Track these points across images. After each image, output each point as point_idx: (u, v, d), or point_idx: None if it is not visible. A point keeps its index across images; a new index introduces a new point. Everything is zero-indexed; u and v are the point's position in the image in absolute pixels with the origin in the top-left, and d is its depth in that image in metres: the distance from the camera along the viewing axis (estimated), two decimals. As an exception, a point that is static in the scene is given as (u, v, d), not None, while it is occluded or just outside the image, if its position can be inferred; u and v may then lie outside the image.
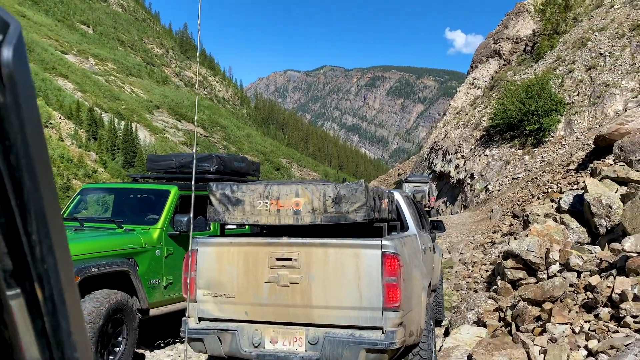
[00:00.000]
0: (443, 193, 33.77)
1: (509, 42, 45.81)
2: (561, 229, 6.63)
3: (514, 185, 23.69)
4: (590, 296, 5.16)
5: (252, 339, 4.16)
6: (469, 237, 18.18)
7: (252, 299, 4.16)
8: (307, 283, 4.05)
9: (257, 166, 8.19)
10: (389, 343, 3.86)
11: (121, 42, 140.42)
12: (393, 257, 3.94)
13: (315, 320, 4.06)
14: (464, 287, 10.30)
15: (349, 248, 4.05)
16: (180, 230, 5.84)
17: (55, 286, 0.51)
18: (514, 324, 5.43)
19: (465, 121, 35.86)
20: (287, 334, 4.12)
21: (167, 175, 7.23)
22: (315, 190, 4.10)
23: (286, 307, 4.10)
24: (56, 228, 0.52)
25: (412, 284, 4.30)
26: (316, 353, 3.99)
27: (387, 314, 3.90)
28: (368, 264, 3.96)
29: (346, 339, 3.95)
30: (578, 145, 21.05)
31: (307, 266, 4.07)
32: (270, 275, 4.12)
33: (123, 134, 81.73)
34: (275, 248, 4.16)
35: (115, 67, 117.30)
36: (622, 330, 4.44)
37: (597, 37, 27.75)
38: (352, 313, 3.99)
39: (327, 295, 4.02)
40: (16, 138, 0.49)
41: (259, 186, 4.26)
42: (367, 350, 3.89)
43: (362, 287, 3.95)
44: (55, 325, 0.51)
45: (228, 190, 4.31)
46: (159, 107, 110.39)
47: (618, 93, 23.14)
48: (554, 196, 12.59)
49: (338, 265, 4.02)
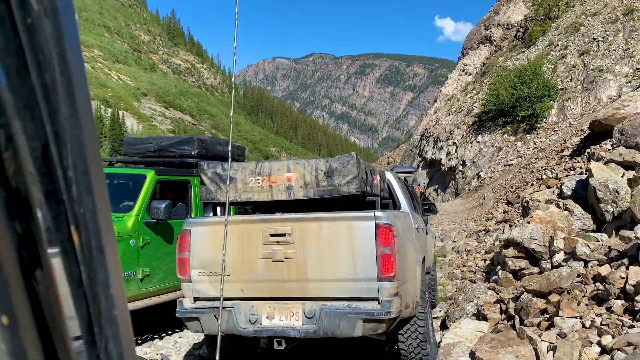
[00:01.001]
0: (434, 180, 33.49)
1: (499, 28, 45.37)
2: (565, 215, 6.26)
3: (507, 172, 23.41)
4: (600, 287, 4.79)
5: (248, 316, 4.10)
6: (462, 224, 17.87)
7: (247, 275, 4.12)
8: (302, 257, 4.01)
9: (242, 150, 7.73)
10: (386, 312, 3.83)
11: (107, 28, 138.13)
12: (387, 228, 3.90)
13: (311, 294, 4.03)
14: (459, 276, 9.95)
15: (343, 221, 4.01)
16: (157, 218, 5.37)
17: (93, 232, 0.46)
18: (517, 317, 5.05)
19: (457, 108, 35.50)
20: (284, 309, 4.08)
21: (145, 159, 6.74)
22: (306, 164, 4.11)
23: (282, 282, 4.06)
24: (95, 166, 0.47)
25: (407, 256, 4.27)
26: (313, 326, 3.96)
27: (382, 284, 3.88)
28: (362, 235, 3.93)
29: (343, 310, 3.91)
30: (571, 131, 20.76)
31: (301, 241, 4.02)
32: (264, 251, 4.07)
33: (110, 121, 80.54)
34: (268, 224, 4.09)
35: (102, 54, 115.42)
36: (639, 325, 4.07)
37: (590, 22, 27.41)
38: (347, 285, 3.96)
39: (322, 269, 3.99)
40: (53, 52, 0.44)
41: (250, 164, 4.26)
42: (364, 320, 3.86)
43: (356, 258, 3.93)
44: (93, 276, 0.46)
45: (219, 169, 4.30)
46: (146, 95, 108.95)
47: (612, 78, 22.86)
48: (550, 182, 12.26)
49: (332, 239, 3.99)
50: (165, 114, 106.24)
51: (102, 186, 0.48)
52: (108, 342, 0.47)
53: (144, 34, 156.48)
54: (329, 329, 3.91)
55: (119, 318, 0.48)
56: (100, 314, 0.47)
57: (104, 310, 0.47)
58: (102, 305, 0.47)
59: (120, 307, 0.49)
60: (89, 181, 0.46)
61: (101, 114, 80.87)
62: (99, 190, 0.47)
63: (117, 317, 0.48)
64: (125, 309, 0.51)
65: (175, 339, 6.10)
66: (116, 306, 0.48)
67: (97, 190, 0.47)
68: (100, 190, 0.47)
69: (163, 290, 5.75)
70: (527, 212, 7.58)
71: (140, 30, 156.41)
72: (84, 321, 0.46)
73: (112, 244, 0.49)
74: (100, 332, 0.47)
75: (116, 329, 0.48)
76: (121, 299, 0.50)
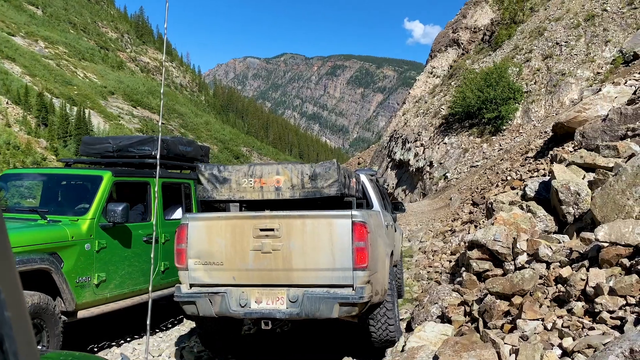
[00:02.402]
0: (402, 181, 33.74)
1: (467, 31, 46.07)
2: (528, 217, 6.31)
3: (473, 173, 23.75)
4: (561, 289, 4.82)
5: (239, 300, 4.62)
6: (429, 225, 18.01)
7: (238, 265, 4.64)
8: (288, 250, 4.56)
9: (207, 151, 7.55)
10: (359, 297, 4.44)
11: (73, 24, 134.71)
12: (361, 225, 4.51)
13: (294, 281, 4.59)
14: (425, 277, 9.98)
15: (324, 218, 4.60)
16: (114, 221, 5.16)
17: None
18: (481, 319, 5.04)
19: (425, 110, 35.86)
20: (270, 294, 4.62)
21: (104, 160, 6.50)
22: (293, 169, 4.70)
23: (269, 271, 4.60)
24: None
25: (377, 249, 4.88)
26: (296, 309, 4.52)
27: (356, 273, 4.49)
28: (340, 231, 4.52)
29: (322, 295, 4.50)
30: (536, 133, 21.18)
31: (288, 235, 4.57)
32: (254, 244, 4.59)
33: (75, 120, 78.52)
34: (259, 220, 4.64)
35: (67, 51, 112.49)
36: (599, 327, 4.10)
37: (554, 27, 28.06)
38: (327, 274, 4.56)
39: (305, 260, 4.56)
40: None
41: (243, 167, 4.84)
42: (340, 304, 4.45)
43: (335, 251, 4.52)
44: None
45: (215, 170, 4.81)
46: (113, 93, 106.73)
47: (574, 82, 23.42)
48: (514, 184, 12.43)
49: (314, 234, 4.55)
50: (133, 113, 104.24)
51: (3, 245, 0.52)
52: (2, 342, 0.51)
53: (111, 31, 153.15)
54: (310, 311, 4.48)
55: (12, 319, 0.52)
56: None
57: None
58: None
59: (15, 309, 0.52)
60: None
61: (66, 112, 78.77)
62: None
63: (8, 318, 0.51)
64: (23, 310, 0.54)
65: (134, 345, 5.90)
66: (9, 308, 0.51)
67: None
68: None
69: (121, 296, 5.54)
70: (491, 213, 7.64)
71: (108, 27, 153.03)
72: None
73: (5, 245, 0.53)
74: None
75: (9, 329, 0.51)
76: (16, 301, 0.53)
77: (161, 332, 6.50)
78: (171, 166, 6.73)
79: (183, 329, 6.61)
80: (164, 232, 6.12)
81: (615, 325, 4.08)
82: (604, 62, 23.14)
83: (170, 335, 6.38)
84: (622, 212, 5.38)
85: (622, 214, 5.38)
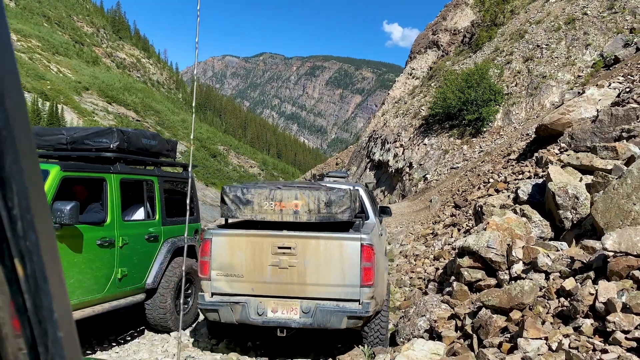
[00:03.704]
0: (381, 182, 33.33)
1: (447, 33, 45.97)
2: (523, 222, 5.83)
3: (453, 175, 23.41)
4: (565, 303, 4.33)
5: (257, 309, 5.10)
6: (409, 227, 17.54)
7: (257, 278, 5.12)
8: (303, 266, 5.06)
9: (173, 145, 6.90)
10: (365, 311, 4.96)
11: (47, 18, 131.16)
12: (369, 247, 5.01)
13: (308, 294, 5.07)
14: (408, 283, 9.47)
15: (336, 240, 5.07)
16: (61, 222, 4.48)
17: (37, 263, 0.51)
18: (475, 336, 4.52)
19: (404, 110, 35.56)
20: (285, 305, 5.10)
21: (56, 152, 5.80)
22: (311, 195, 5.13)
23: (285, 284, 5.09)
24: (38, 201, 0.52)
25: (380, 266, 5.34)
26: (309, 319, 5.02)
27: (363, 290, 4.99)
28: (350, 252, 5.00)
29: (333, 308, 5.00)
30: (517, 135, 20.94)
31: (303, 253, 5.06)
32: (273, 259, 5.09)
33: (48, 115, 76.18)
34: (277, 239, 5.12)
35: (40, 45, 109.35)
36: (613, 350, 3.61)
37: (534, 30, 27.97)
38: (337, 289, 5.04)
39: (318, 276, 5.05)
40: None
41: (265, 190, 5.22)
42: (348, 317, 4.97)
43: (345, 269, 5.01)
44: (38, 303, 0.51)
45: (239, 192, 5.24)
46: (88, 89, 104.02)
47: (554, 85, 23.30)
48: (499, 186, 12.04)
49: (327, 253, 5.04)
50: (108, 109, 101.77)
51: (46, 220, 0.52)
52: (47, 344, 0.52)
53: (86, 25, 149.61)
54: (321, 322, 4.99)
55: (64, 339, 0.53)
56: (46, 335, 0.51)
57: (50, 332, 0.52)
58: (47, 328, 0.51)
59: (66, 329, 0.53)
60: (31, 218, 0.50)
61: (38, 107, 76.42)
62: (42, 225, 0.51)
63: (62, 338, 0.53)
64: (72, 331, 0.55)
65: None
66: (61, 328, 0.53)
67: (40, 225, 0.51)
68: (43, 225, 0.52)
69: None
70: (481, 217, 7.16)
71: (83, 21, 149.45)
72: (28, 343, 0.51)
73: (57, 273, 0.53)
74: (46, 352, 0.51)
75: (61, 348, 0.52)
76: (67, 322, 0.54)
77: (118, 346, 5.84)
78: (132, 161, 6.05)
79: (143, 342, 5.95)
80: (122, 234, 5.46)
81: (632, 347, 3.59)
82: (585, 65, 23.06)
83: (128, 349, 5.72)
84: (627, 218, 4.93)
85: (627, 220, 4.93)
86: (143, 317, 6.18)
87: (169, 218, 6.47)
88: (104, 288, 5.22)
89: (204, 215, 53.66)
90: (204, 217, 50.16)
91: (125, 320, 6.62)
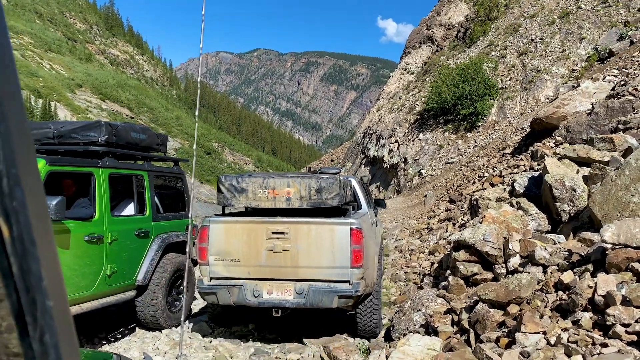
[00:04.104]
0: (376, 178, 33.26)
1: (441, 28, 45.87)
2: (519, 215, 5.74)
3: (448, 169, 23.35)
4: (563, 297, 4.25)
5: (253, 292, 5.40)
6: (404, 222, 17.47)
7: (253, 262, 5.41)
8: (295, 250, 5.34)
9: (164, 139, 6.77)
10: (355, 291, 5.24)
11: (39, 14, 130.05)
12: (358, 231, 5.25)
13: (301, 276, 5.35)
14: (403, 278, 9.39)
15: (327, 225, 5.33)
16: (46, 218, 4.35)
17: (24, 224, 0.47)
18: (472, 331, 4.44)
19: (399, 106, 35.47)
20: (280, 287, 5.39)
21: (43, 147, 5.66)
22: (302, 182, 5.36)
23: (279, 267, 5.37)
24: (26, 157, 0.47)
25: (369, 250, 5.58)
26: (302, 300, 5.31)
27: (353, 271, 5.26)
28: (340, 236, 5.27)
29: (324, 289, 5.29)
30: (511, 129, 20.88)
31: (295, 238, 5.34)
32: (267, 244, 5.37)
33: (41, 113, 75.61)
34: (271, 225, 5.40)
35: (33, 42, 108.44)
36: (613, 343, 3.53)
37: (528, 24, 27.91)
38: (328, 271, 5.32)
39: (310, 259, 5.32)
40: None
41: (258, 179, 5.49)
42: (339, 296, 5.25)
43: (335, 252, 5.28)
44: (26, 267, 0.47)
45: (234, 181, 5.53)
46: (81, 86, 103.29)
47: (549, 79, 23.25)
48: (494, 180, 11.97)
49: (318, 237, 5.31)
50: (102, 107, 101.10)
51: (35, 178, 0.48)
52: (43, 332, 0.48)
53: (79, 22, 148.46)
54: (314, 302, 5.27)
55: (54, 309, 0.48)
56: (35, 304, 0.47)
57: (38, 301, 0.47)
58: (35, 297, 0.47)
59: (56, 298, 0.49)
60: (17, 174, 0.46)
61: (31, 104, 75.81)
62: (31, 182, 0.47)
63: (51, 308, 0.48)
64: (64, 301, 0.50)
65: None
66: (50, 297, 0.48)
67: (28, 182, 0.47)
68: (32, 182, 0.47)
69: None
70: (477, 211, 7.08)
71: (76, 18, 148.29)
72: (14, 312, 0.47)
73: (46, 235, 0.49)
74: (34, 322, 0.47)
75: (51, 319, 0.48)
76: (57, 291, 0.49)
77: (108, 344, 5.73)
78: (122, 155, 5.92)
79: (134, 340, 5.85)
80: (111, 230, 5.34)
81: (632, 340, 3.51)
82: (579, 59, 23.02)
83: (119, 347, 5.61)
84: (625, 209, 4.85)
85: (625, 212, 4.85)
86: (134, 315, 6.06)
87: (160, 213, 6.35)
88: (92, 285, 5.10)
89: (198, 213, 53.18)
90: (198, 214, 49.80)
91: (115, 317, 6.51)
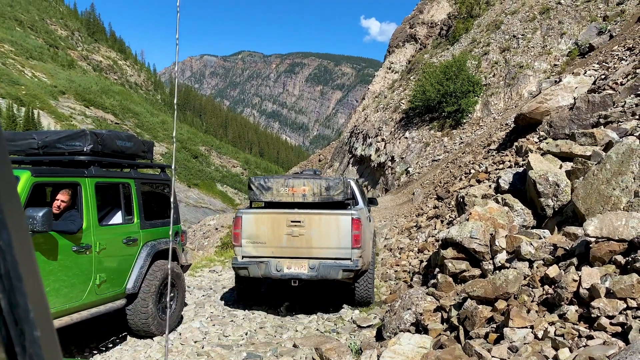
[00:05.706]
0: (364, 177, 33.35)
1: (424, 26, 46.09)
2: (505, 211, 5.83)
3: (435, 167, 23.50)
4: (549, 291, 4.33)
5: (276, 267, 6.94)
6: (393, 221, 17.55)
7: (276, 244, 6.97)
8: (309, 235, 6.89)
9: (150, 146, 6.74)
10: (355, 266, 6.78)
11: (19, 22, 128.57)
12: (357, 220, 6.81)
13: (313, 255, 6.90)
14: (393, 277, 9.45)
15: (334, 215, 6.90)
16: (33, 229, 4.33)
17: (10, 262, 0.50)
18: (461, 327, 4.50)
19: (385, 104, 35.60)
20: (297, 263, 6.93)
21: (28, 157, 5.62)
22: (315, 182, 7.05)
23: (296, 248, 6.93)
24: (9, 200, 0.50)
25: (366, 235, 7.14)
26: (315, 273, 6.85)
27: (353, 251, 6.80)
28: (344, 224, 6.83)
29: (332, 264, 6.84)
30: (496, 125, 21.08)
31: (309, 225, 6.89)
32: (287, 230, 6.94)
33: (24, 121, 74.87)
34: (290, 215, 6.97)
35: (13, 49, 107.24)
36: (598, 335, 3.60)
37: (510, 20, 28.18)
38: (334, 251, 6.86)
39: (321, 241, 6.87)
40: None
41: (281, 179, 7.18)
42: (343, 270, 6.78)
43: (340, 236, 6.83)
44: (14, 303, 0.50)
45: (262, 182, 7.20)
46: (64, 93, 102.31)
47: (531, 74, 23.50)
48: (480, 177, 12.08)
49: (327, 225, 6.87)
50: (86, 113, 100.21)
51: (19, 218, 0.51)
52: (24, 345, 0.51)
53: (60, 28, 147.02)
54: (323, 274, 6.80)
55: (41, 338, 0.52)
56: (23, 335, 0.50)
57: (27, 332, 0.50)
58: (24, 328, 0.50)
59: (44, 328, 0.52)
60: (2, 217, 0.49)
61: (14, 113, 75.02)
62: (15, 223, 0.50)
63: (39, 337, 0.52)
64: (51, 331, 0.54)
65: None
66: (38, 327, 0.51)
67: (12, 223, 0.50)
68: (16, 223, 0.50)
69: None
70: (463, 208, 7.16)
71: (57, 24, 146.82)
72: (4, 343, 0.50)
73: (33, 271, 0.52)
74: (23, 352, 0.51)
75: (39, 348, 0.51)
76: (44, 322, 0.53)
77: (100, 353, 5.70)
78: (108, 164, 5.90)
79: (126, 349, 5.83)
80: (99, 239, 5.32)
81: (616, 332, 3.59)
82: (560, 54, 23.30)
83: (110, 356, 5.59)
84: (607, 203, 4.94)
85: (607, 205, 4.94)
86: (125, 323, 6.04)
87: (148, 221, 6.33)
88: (82, 295, 5.08)
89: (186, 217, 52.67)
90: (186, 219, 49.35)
91: (106, 326, 6.47)
